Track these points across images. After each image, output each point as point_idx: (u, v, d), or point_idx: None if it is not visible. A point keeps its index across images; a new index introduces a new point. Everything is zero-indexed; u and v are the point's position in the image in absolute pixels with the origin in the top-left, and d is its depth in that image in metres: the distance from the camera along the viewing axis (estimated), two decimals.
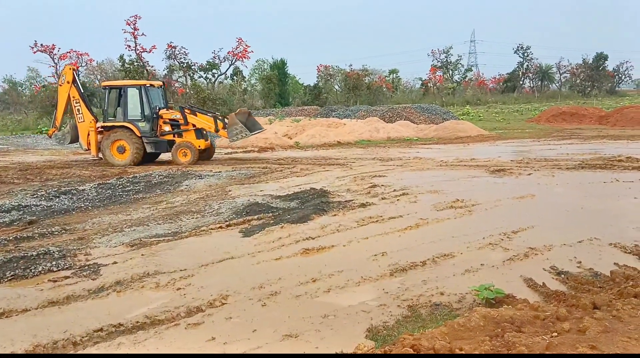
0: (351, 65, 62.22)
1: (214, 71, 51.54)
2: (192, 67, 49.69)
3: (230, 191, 11.03)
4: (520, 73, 69.69)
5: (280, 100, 54.31)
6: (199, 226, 7.98)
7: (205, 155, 17.04)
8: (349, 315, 4.67)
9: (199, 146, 16.25)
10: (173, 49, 48.35)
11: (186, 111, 16.49)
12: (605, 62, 69.44)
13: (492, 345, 2.99)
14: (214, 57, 50.42)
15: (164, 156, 17.25)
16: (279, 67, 57.30)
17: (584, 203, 9.04)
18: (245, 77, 59.87)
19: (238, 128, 15.73)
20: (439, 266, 5.94)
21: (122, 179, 12.49)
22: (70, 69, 16.82)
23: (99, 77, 52.64)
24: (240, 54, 49.71)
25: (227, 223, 8.14)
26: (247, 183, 12.21)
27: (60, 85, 16.82)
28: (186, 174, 13.31)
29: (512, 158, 15.53)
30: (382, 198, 9.84)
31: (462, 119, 31.53)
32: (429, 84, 65.52)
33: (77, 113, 16.39)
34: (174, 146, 16.15)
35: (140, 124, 16.05)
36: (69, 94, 16.37)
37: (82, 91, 17.37)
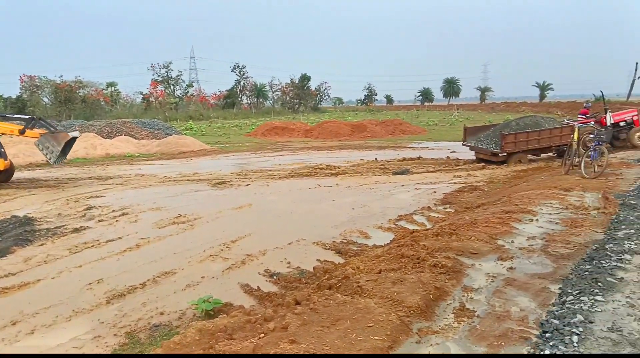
0: (62, 76, 56.53)
1: None
2: None
3: None
4: (238, 90, 73.81)
5: None
6: None
7: (2, 177, 13.59)
8: None
9: None
10: None
11: None
12: (309, 82, 79.05)
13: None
14: None
15: None
16: None
17: (293, 208, 10.07)
18: None
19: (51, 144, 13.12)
20: (160, 285, 5.82)
21: None
22: None
23: None
24: None
25: None
26: None
27: None
28: None
29: (232, 170, 16.29)
30: (99, 221, 9.18)
31: (185, 134, 31.69)
32: (150, 99, 63.96)
33: None
34: None
35: None
36: None
37: None
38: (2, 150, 13.73)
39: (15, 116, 15.54)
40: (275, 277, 5.96)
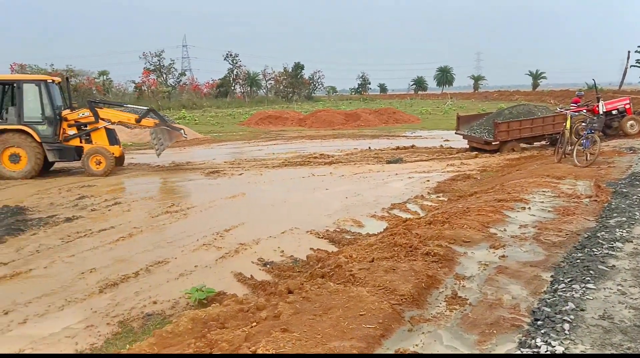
0: (53, 64, 55.90)
1: None
2: None
3: None
4: (231, 79, 73.32)
5: None
6: None
7: (117, 162, 14.04)
8: (49, 345, 4.18)
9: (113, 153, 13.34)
10: None
11: (97, 106, 13.58)
12: (302, 71, 78.54)
13: (197, 346, 3.07)
14: None
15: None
16: None
17: (287, 196, 10.06)
18: None
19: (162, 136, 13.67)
20: (153, 274, 5.81)
21: None
22: None
23: None
24: None
25: None
26: None
27: None
28: None
29: (225, 159, 16.24)
30: (92, 210, 9.14)
31: (178, 123, 31.47)
32: (142, 88, 63.43)
33: None
34: (85, 154, 13.32)
35: (40, 127, 13.10)
36: None
37: None
38: (117, 138, 14.36)
39: (132, 106, 16.53)
40: (268, 266, 5.96)
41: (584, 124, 11.21)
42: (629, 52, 50.43)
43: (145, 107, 14.98)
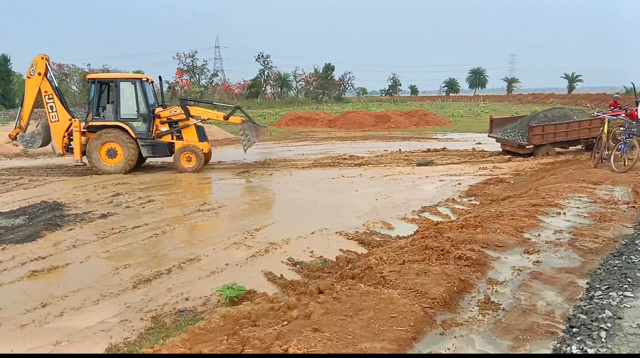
0: (89, 64, 57.40)
1: None
2: None
3: None
4: (262, 80, 73.92)
5: (4, 101, 46.83)
6: None
7: (206, 159, 14.64)
8: (85, 338, 4.30)
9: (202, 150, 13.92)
10: None
11: (188, 103, 14.27)
12: (333, 72, 78.63)
13: (229, 343, 3.11)
14: None
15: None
16: (0, 64, 49.39)
17: (316, 197, 10.09)
18: None
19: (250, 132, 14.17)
20: (185, 271, 5.91)
21: None
22: (42, 58, 13.52)
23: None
24: None
25: None
26: None
27: (29, 77, 13.70)
28: None
29: (256, 159, 16.38)
30: (126, 207, 9.35)
31: (210, 123, 31.88)
32: (176, 88, 64.52)
33: (50, 111, 13.71)
34: (177, 150, 13.93)
35: (135, 124, 13.72)
36: (39, 89, 13.60)
37: (56, 85, 13.81)
38: (206, 134, 14.80)
39: (221, 104, 19.08)
40: (298, 266, 5.99)
41: (622, 128, 10.90)
42: None
43: (233, 106, 15.71)
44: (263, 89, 74.55)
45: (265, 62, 72.45)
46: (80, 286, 5.47)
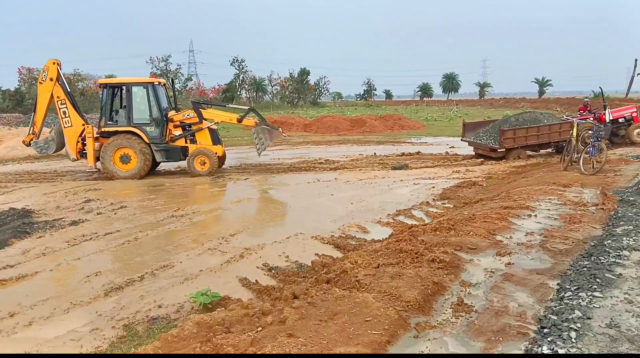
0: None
1: None
2: None
3: None
4: (237, 84, 73.58)
5: None
6: None
7: (220, 162, 14.52)
8: (54, 348, 4.19)
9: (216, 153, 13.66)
10: None
11: (201, 106, 14.02)
12: (308, 76, 78.73)
13: (202, 350, 3.06)
14: None
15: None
16: None
17: (292, 202, 10.07)
18: None
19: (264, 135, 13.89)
20: (158, 278, 5.82)
21: None
22: (53, 63, 13.42)
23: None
24: None
25: None
26: None
27: (41, 83, 13.61)
28: None
29: (231, 164, 16.26)
30: (98, 213, 9.18)
31: None
32: None
33: (63, 116, 13.63)
34: (190, 154, 13.78)
35: (148, 128, 13.59)
36: (51, 94, 13.52)
37: (69, 90, 13.98)
38: (219, 137, 14.61)
39: (233, 106, 17.75)
40: (273, 271, 5.96)
41: (590, 132, 11.18)
42: (635, 60, 50.37)
43: (246, 107, 15.50)
44: (238, 93, 74.15)
45: (240, 67, 72.20)
46: (50, 295, 5.34)
